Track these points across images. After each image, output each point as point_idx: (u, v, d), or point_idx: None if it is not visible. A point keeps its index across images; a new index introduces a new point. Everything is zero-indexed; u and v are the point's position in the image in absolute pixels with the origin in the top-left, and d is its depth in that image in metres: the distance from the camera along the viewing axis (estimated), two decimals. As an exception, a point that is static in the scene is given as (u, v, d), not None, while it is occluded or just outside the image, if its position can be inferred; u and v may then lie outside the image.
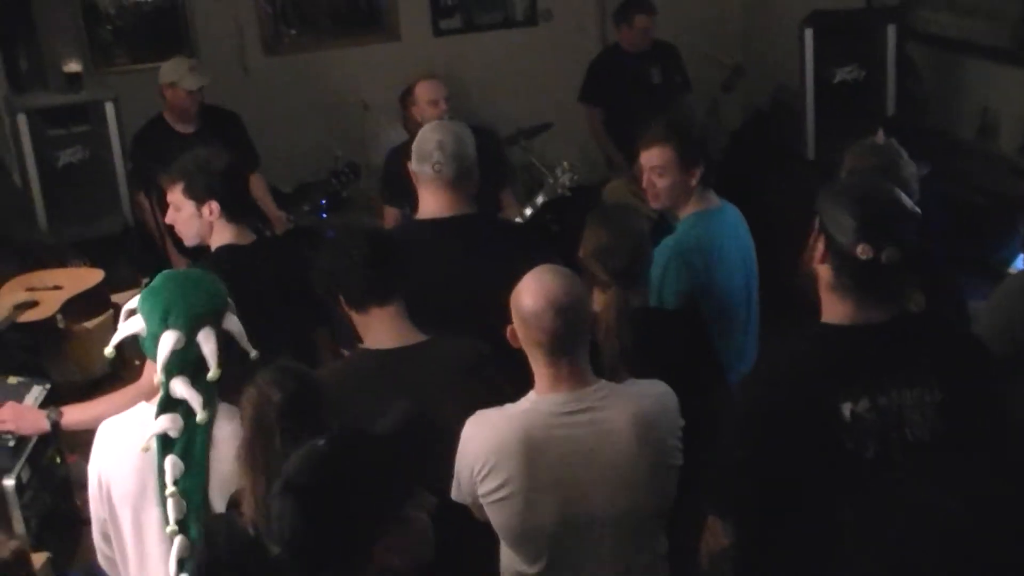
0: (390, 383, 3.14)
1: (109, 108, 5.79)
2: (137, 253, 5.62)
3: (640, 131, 4.19)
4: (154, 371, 2.92)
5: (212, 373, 2.88)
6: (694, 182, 4.08)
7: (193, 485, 2.89)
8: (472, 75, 8.47)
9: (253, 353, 2.99)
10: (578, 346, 2.92)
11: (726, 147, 8.25)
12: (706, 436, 2.98)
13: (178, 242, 5.84)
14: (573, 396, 2.92)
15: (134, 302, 2.99)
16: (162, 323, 2.89)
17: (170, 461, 2.86)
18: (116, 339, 3.01)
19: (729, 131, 8.36)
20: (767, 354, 2.94)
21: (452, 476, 2.99)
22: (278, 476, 2.29)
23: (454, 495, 3.00)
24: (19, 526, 3.58)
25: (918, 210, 2.78)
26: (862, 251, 2.65)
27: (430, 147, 3.89)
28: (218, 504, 2.90)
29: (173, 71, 6.17)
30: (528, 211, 5.30)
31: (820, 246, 2.76)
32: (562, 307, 2.84)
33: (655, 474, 2.95)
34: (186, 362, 2.89)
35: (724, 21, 8.89)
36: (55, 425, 3.62)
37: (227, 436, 2.92)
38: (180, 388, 2.88)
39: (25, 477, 3.67)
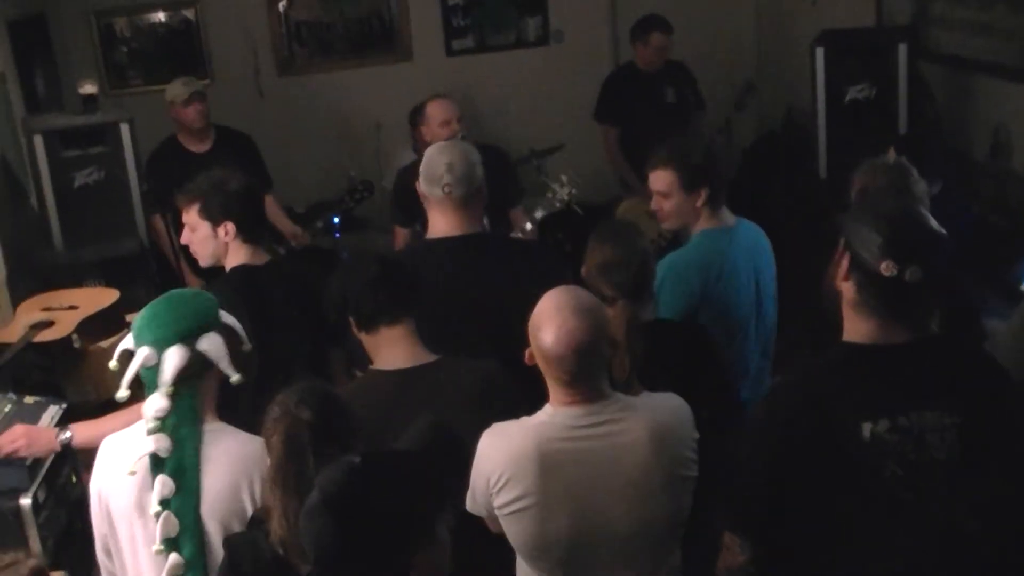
0: (401, 403, 3.14)
1: (124, 129, 5.80)
2: (152, 273, 5.62)
3: (653, 150, 4.22)
4: None
5: (164, 390, 2.91)
6: (699, 203, 4.10)
7: (186, 504, 2.91)
8: (484, 95, 8.50)
9: (234, 377, 3.00)
10: (596, 373, 2.93)
11: (739, 165, 8.26)
12: (712, 448, 3.02)
13: (193, 262, 5.86)
14: (590, 410, 2.92)
15: (128, 338, 3.05)
16: (139, 340, 2.95)
17: (160, 480, 2.89)
18: (117, 353, 3.06)
19: (742, 149, 8.37)
20: (788, 373, 2.91)
21: (466, 489, 2.99)
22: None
23: (469, 506, 3.00)
24: (36, 545, 3.59)
25: (944, 232, 2.77)
26: (886, 268, 2.65)
27: (440, 170, 3.90)
28: (209, 523, 2.92)
29: (169, 92, 6.34)
30: (528, 226, 5.30)
31: (844, 263, 2.75)
32: (584, 350, 2.83)
33: (671, 486, 2.95)
34: (159, 379, 2.93)
35: (737, 41, 8.91)
36: (66, 444, 3.63)
37: (219, 454, 2.95)
38: (152, 404, 2.92)
39: (42, 496, 3.68)
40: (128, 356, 2.99)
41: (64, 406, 3.97)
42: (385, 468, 2.25)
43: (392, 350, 3.33)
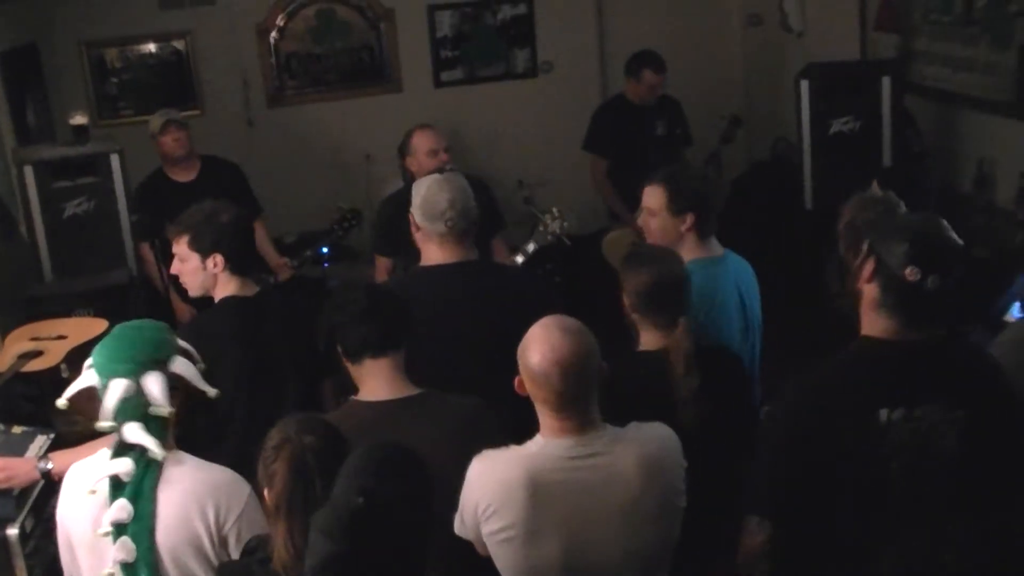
0: (377, 435, 3.13)
1: (114, 160, 5.82)
2: (141, 304, 5.61)
3: (643, 182, 4.27)
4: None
5: (165, 411, 2.93)
6: (684, 227, 4.14)
7: (142, 528, 2.91)
8: (473, 127, 8.54)
9: (212, 392, 3.03)
10: (585, 397, 2.94)
11: (728, 196, 8.28)
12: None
13: (182, 292, 5.87)
14: (580, 441, 2.93)
15: (90, 358, 3.04)
16: (108, 374, 2.95)
17: (118, 505, 2.90)
18: (69, 392, 3.07)
19: (730, 180, 8.40)
20: (816, 368, 3.09)
21: (451, 522, 3.00)
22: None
23: (457, 529, 3.02)
24: (23, 575, 3.57)
25: (963, 244, 3.00)
26: (910, 273, 2.88)
27: (442, 205, 3.95)
28: (162, 550, 2.92)
29: (150, 124, 6.38)
30: (520, 259, 5.31)
31: (869, 267, 2.98)
32: (569, 367, 2.87)
33: (661, 516, 2.96)
34: (136, 407, 2.93)
35: (724, 73, 8.96)
36: (46, 473, 3.62)
37: (174, 482, 2.96)
38: (133, 434, 2.92)
39: (29, 526, 3.67)
40: (89, 394, 2.99)
41: (52, 436, 3.96)
42: (389, 505, 2.32)
43: (376, 381, 3.34)
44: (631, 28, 8.55)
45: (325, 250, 6.98)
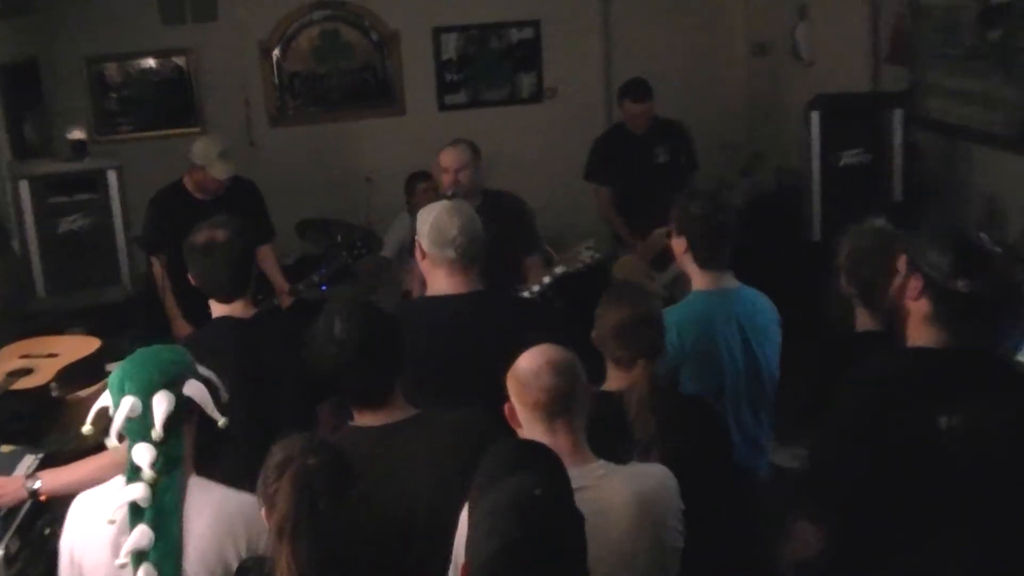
0: (380, 460, 3.11)
1: (112, 176, 5.81)
2: (137, 321, 5.58)
3: (647, 210, 4.26)
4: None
5: (155, 433, 2.85)
6: (682, 250, 4.14)
7: (165, 556, 2.85)
8: (476, 150, 8.51)
9: (221, 420, 2.97)
10: (576, 413, 2.92)
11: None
12: (711, 521, 3.06)
13: (185, 308, 5.82)
14: (572, 473, 2.85)
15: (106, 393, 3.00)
16: (119, 392, 2.90)
17: (139, 531, 2.83)
18: (91, 415, 3.01)
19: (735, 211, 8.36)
20: (859, 371, 3.09)
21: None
22: (323, 539, 2.36)
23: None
24: (7, 599, 3.52)
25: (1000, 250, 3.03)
26: (963, 286, 2.90)
27: (452, 232, 3.92)
28: None
29: (204, 154, 6.03)
30: (547, 279, 5.28)
31: (916, 284, 2.99)
32: (559, 365, 2.90)
33: (655, 556, 2.92)
34: (145, 428, 2.88)
35: (728, 103, 8.96)
36: (34, 492, 3.56)
37: (203, 507, 2.91)
38: (140, 453, 2.87)
39: (14, 548, 3.61)
40: (105, 415, 2.95)
41: (41, 456, 3.91)
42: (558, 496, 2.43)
43: (369, 411, 3.29)
44: (637, 55, 8.56)
45: (323, 271, 6.95)
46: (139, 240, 5.97)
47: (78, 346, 4.76)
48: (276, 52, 8.38)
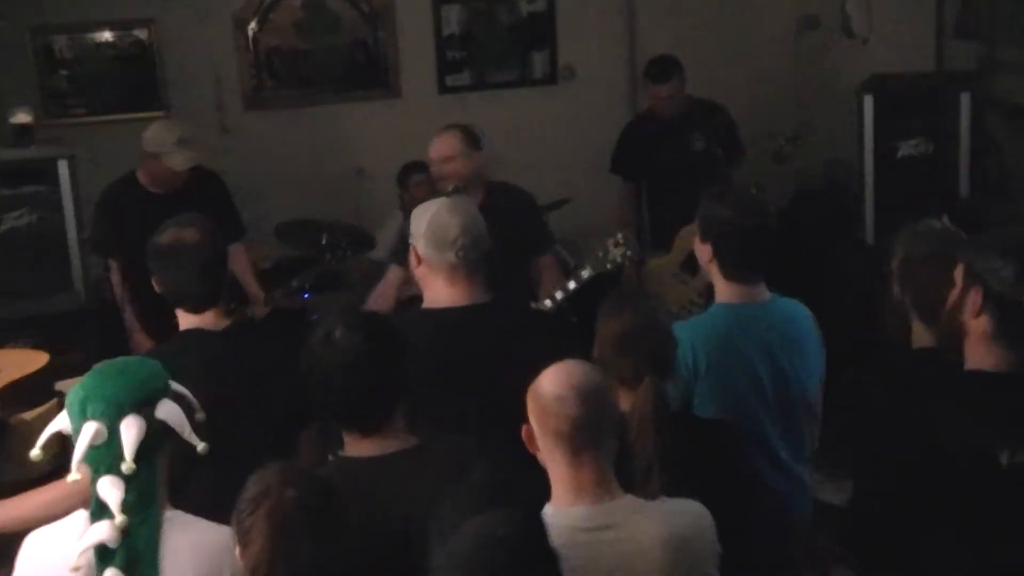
0: (373, 494, 3.14)
1: (63, 167, 5.81)
2: (91, 333, 5.61)
3: (680, 205, 4.27)
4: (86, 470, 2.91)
5: (125, 466, 2.84)
6: (707, 259, 4.15)
7: None
8: (482, 140, 8.53)
9: (200, 446, 2.97)
10: (602, 445, 2.94)
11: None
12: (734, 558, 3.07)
13: (145, 319, 5.84)
14: (595, 511, 2.91)
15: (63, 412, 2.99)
16: (80, 416, 2.88)
17: (111, 574, 2.83)
18: (42, 439, 2.99)
19: (777, 209, 8.37)
20: (913, 395, 3.13)
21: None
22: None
23: None
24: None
25: None
26: None
27: (453, 232, 3.93)
28: None
29: (158, 141, 6.03)
30: (572, 284, 5.29)
31: (976, 298, 2.98)
32: (586, 392, 2.89)
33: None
34: (112, 457, 2.86)
35: (771, 84, 8.96)
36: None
37: (182, 547, 2.91)
38: (107, 488, 2.85)
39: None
40: (58, 440, 2.96)
41: (-21, 487, 3.94)
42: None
43: (366, 439, 3.31)
44: (665, 29, 8.57)
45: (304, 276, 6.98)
46: (90, 242, 5.98)
47: (23, 361, 4.78)
48: (252, 25, 8.37)
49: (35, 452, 3.00)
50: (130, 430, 2.86)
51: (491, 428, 3.51)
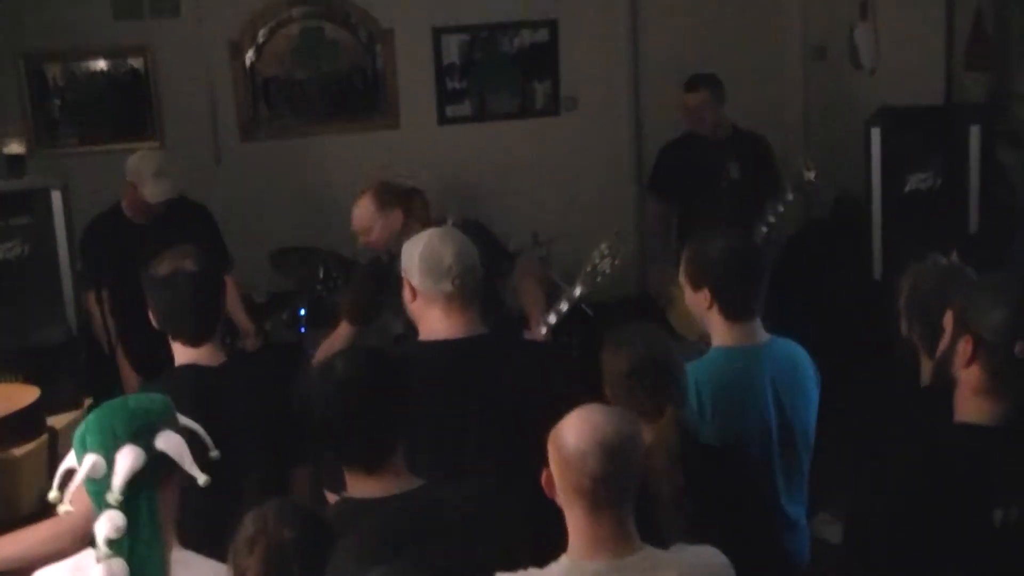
0: (378, 536, 3.11)
1: (56, 197, 5.81)
2: (83, 367, 5.60)
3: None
4: (87, 510, 2.90)
5: (111, 496, 2.78)
6: (706, 305, 4.12)
7: None
8: (482, 171, 8.57)
9: (202, 478, 2.95)
10: (624, 501, 2.91)
11: (781, 259, 8.25)
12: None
13: (131, 353, 5.85)
14: (614, 565, 2.88)
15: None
16: (81, 448, 2.86)
17: None
18: (57, 478, 2.93)
19: (785, 240, 8.37)
20: (903, 455, 3.04)
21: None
22: None
23: None
24: None
25: None
26: (1022, 350, 2.79)
27: (447, 260, 3.92)
28: None
29: (135, 171, 6.10)
30: (564, 306, 5.29)
31: (966, 348, 2.87)
32: (612, 448, 2.84)
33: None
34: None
35: (778, 115, 8.98)
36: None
37: None
38: (101, 524, 2.80)
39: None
40: (70, 476, 2.94)
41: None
42: None
43: (367, 478, 3.31)
44: (670, 60, 8.61)
45: (303, 312, 6.97)
46: (78, 276, 6.00)
47: (13, 396, 4.78)
48: (249, 53, 8.42)
49: (53, 494, 2.96)
50: (124, 460, 2.81)
51: (494, 466, 3.51)
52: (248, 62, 8.44)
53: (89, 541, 2.94)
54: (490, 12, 8.76)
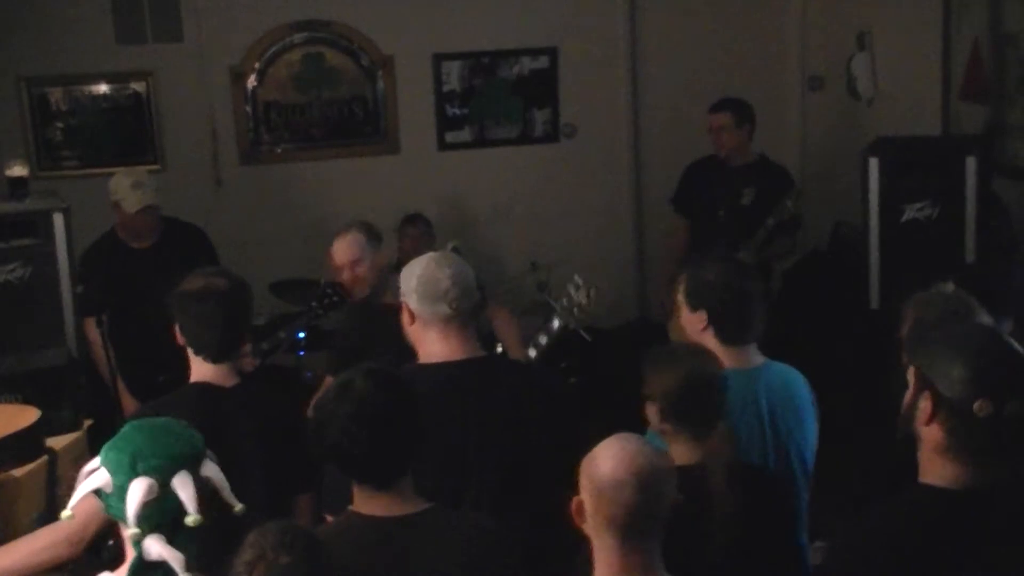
0: (383, 555, 3.15)
1: (58, 220, 5.80)
2: (82, 390, 5.62)
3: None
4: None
5: (191, 518, 2.79)
6: (701, 326, 4.16)
7: None
8: (481, 198, 8.59)
9: (238, 507, 2.95)
10: (655, 532, 2.93)
11: (778, 289, 8.28)
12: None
13: (130, 379, 5.87)
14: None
15: (96, 460, 2.94)
16: (131, 471, 2.83)
17: None
18: (76, 498, 2.95)
19: (781, 271, 8.40)
20: (864, 522, 2.91)
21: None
22: None
23: None
24: None
25: None
26: (980, 408, 2.67)
27: (445, 284, 3.96)
28: None
29: (114, 188, 6.30)
30: (544, 339, 5.32)
31: (927, 405, 2.77)
32: (646, 480, 2.87)
33: None
34: (162, 514, 2.82)
35: (777, 144, 8.99)
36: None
37: None
38: (156, 548, 2.80)
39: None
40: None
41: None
42: None
43: (375, 495, 3.33)
44: (669, 88, 8.68)
45: (302, 334, 6.97)
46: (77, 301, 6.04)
47: (12, 417, 4.78)
48: (250, 79, 8.47)
49: (66, 513, 2.98)
50: (185, 487, 2.83)
51: (493, 485, 3.53)
52: (249, 87, 8.47)
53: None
54: (490, 39, 8.80)
